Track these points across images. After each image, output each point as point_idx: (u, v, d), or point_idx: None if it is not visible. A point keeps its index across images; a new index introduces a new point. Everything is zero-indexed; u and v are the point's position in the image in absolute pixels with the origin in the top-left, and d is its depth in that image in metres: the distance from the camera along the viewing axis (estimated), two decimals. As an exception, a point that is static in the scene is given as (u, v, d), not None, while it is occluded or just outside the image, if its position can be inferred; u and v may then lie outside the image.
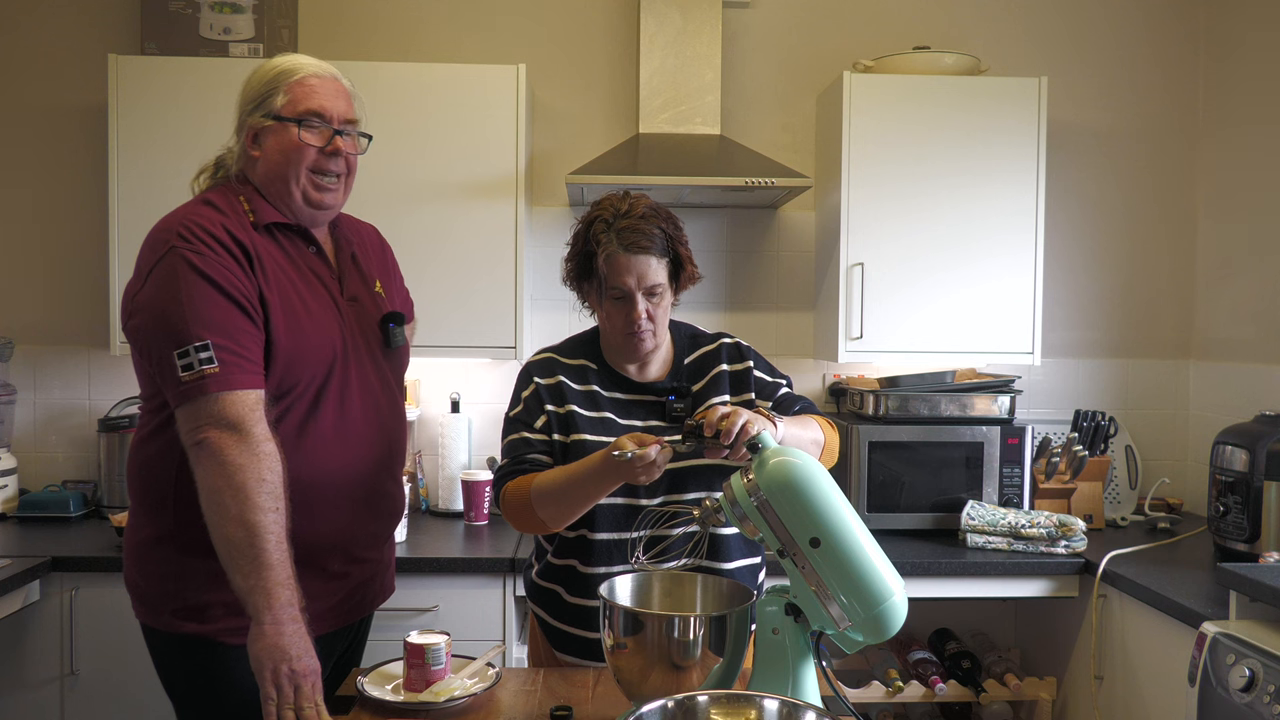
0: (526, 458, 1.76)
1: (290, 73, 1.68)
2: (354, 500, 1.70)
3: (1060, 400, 3.22)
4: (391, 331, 1.78)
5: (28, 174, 3.04)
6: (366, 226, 1.94)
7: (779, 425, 1.60)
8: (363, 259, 1.84)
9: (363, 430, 1.70)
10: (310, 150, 1.66)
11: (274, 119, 1.66)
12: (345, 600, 1.75)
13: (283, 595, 1.47)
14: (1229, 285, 3.08)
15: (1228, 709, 1.82)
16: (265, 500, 1.48)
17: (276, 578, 1.47)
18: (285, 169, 1.66)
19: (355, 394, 1.69)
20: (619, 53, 3.14)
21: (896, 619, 1.35)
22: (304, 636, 1.47)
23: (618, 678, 1.45)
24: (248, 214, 1.65)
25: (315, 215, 1.71)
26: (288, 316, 1.60)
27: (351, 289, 1.76)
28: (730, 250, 3.18)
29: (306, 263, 1.71)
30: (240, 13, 2.86)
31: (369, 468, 1.72)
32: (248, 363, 1.53)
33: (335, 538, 1.69)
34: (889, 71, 2.88)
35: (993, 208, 2.84)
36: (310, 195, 1.68)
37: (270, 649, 1.44)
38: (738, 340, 1.88)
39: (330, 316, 1.69)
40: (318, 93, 1.67)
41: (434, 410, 3.11)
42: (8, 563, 2.33)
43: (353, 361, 1.70)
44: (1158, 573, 2.38)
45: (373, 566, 1.81)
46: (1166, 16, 3.21)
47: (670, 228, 1.75)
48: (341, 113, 1.70)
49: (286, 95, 1.66)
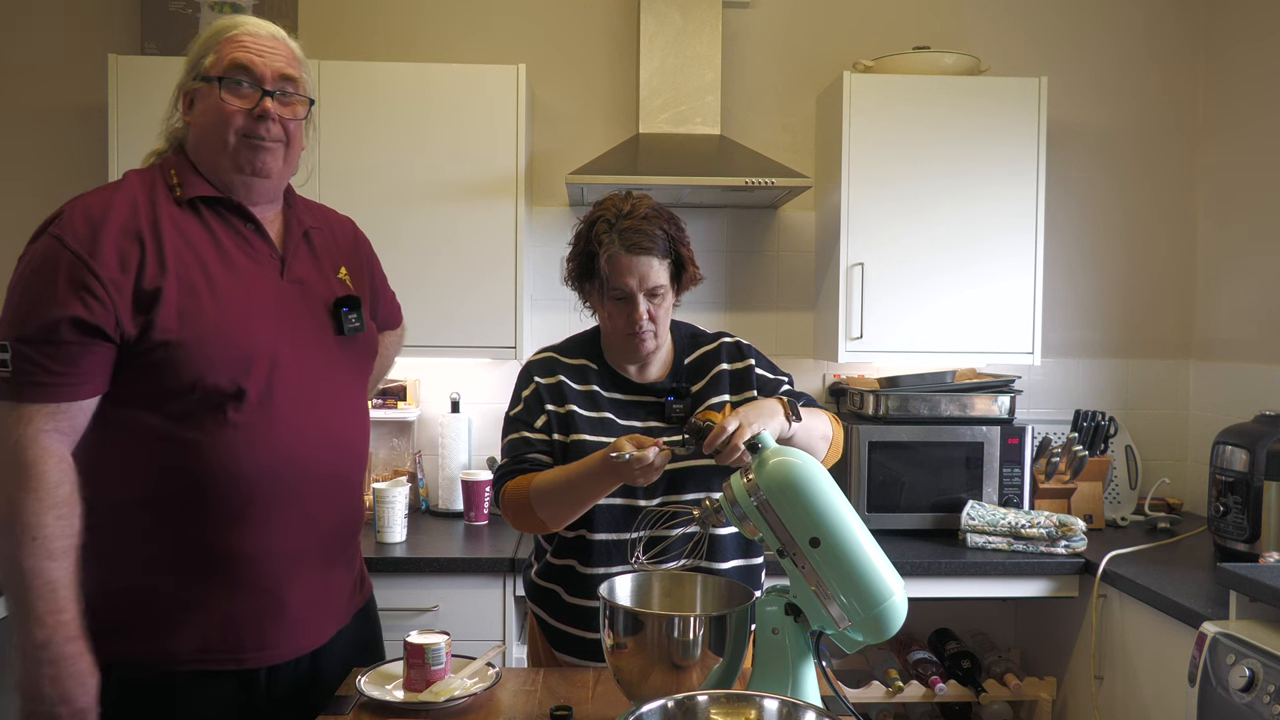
0: (526, 457, 1.76)
1: (224, 29, 1.53)
2: (284, 504, 1.51)
3: (1060, 400, 3.22)
4: (345, 316, 1.62)
5: (28, 174, 3.04)
6: (340, 217, 1.79)
7: (801, 417, 1.64)
8: (321, 242, 1.67)
9: (299, 427, 1.53)
10: (236, 113, 1.51)
11: (202, 80, 1.52)
12: (282, 628, 1.54)
13: (39, 634, 1.35)
14: (1229, 285, 3.08)
15: (1228, 709, 1.82)
16: (18, 532, 1.36)
17: (34, 614, 1.36)
18: (212, 133, 1.51)
19: (288, 385, 1.52)
20: (619, 53, 3.14)
21: (896, 619, 1.35)
22: (63, 680, 1.37)
23: (618, 678, 1.45)
24: (174, 188, 1.51)
25: (253, 184, 1.55)
26: (185, 308, 1.45)
27: (297, 271, 1.60)
28: (730, 250, 3.18)
29: (238, 242, 1.55)
30: (240, 13, 2.86)
31: (304, 469, 1.53)
32: (44, 374, 1.39)
33: (254, 548, 1.50)
34: (889, 71, 2.88)
35: (993, 208, 2.84)
36: (242, 159, 1.52)
37: (26, 692, 1.37)
38: (738, 339, 1.88)
39: (260, 302, 1.53)
40: (246, 48, 1.51)
41: (434, 410, 3.11)
42: (7, 563, 2.32)
43: (286, 350, 1.53)
44: (1158, 573, 2.38)
45: (317, 591, 1.59)
46: (1166, 16, 3.21)
47: (672, 229, 1.75)
48: (276, 69, 1.53)
49: (215, 53, 1.51)
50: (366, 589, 1.78)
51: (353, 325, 1.64)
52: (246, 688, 1.54)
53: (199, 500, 1.47)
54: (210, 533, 1.48)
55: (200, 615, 1.49)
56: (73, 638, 1.38)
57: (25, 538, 1.36)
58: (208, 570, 1.49)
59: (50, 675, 1.37)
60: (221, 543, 1.49)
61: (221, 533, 1.48)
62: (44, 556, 1.37)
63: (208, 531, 1.48)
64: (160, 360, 1.44)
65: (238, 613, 1.51)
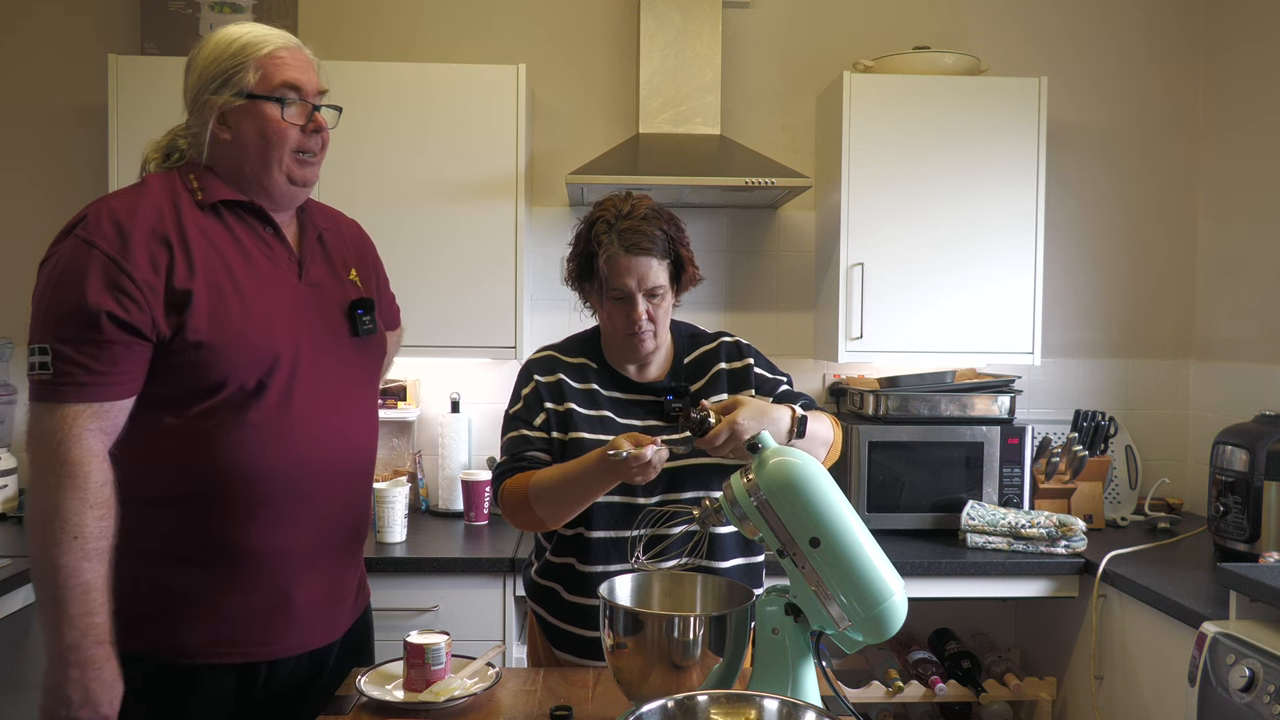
0: (525, 455, 1.76)
1: (255, 45, 1.54)
2: (296, 504, 1.54)
3: (1060, 400, 3.22)
4: (359, 319, 1.65)
5: (28, 174, 3.04)
6: (346, 218, 1.82)
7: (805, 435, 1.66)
8: (333, 244, 1.70)
9: (313, 428, 1.55)
10: (293, 130, 1.55)
11: (247, 97, 1.52)
12: (288, 625, 1.56)
13: (69, 636, 1.36)
14: (1229, 285, 3.08)
15: (1228, 709, 1.82)
16: (58, 531, 1.37)
17: (67, 615, 1.37)
18: (266, 151, 1.54)
19: (306, 387, 1.54)
20: (619, 53, 3.14)
21: (896, 619, 1.35)
22: (89, 683, 1.37)
23: (618, 678, 1.45)
24: (195, 192, 1.53)
25: (296, 194, 1.60)
26: (215, 310, 1.47)
27: (314, 274, 1.63)
28: (730, 250, 3.18)
29: (259, 245, 1.57)
30: (240, 12, 2.87)
31: (319, 469, 1.56)
32: (85, 374, 1.40)
33: (267, 545, 1.52)
34: (889, 71, 2.88)
35: (993, 208, 2.84)
36: (295, 174, 1.57)
37: (49, 691, 1.37)
38: (738, 339, 1.88)
39: (282, 303, 1.55)
40: (290, 66, 1.55)
41: (434, 410, 3.11)
42: (7, 563, 2.32)
43: (306, 352, 1.55)
44: (1158, 573, 2.38)
45: (324, 590, 1.61)
46: (1166, 16, 3.21)
47: (672, 229, 1.75)
48: (315, 84, 1.58)
49: (258, 70, 1.52)
50: (366, 591, 1.80)
51: (367, 327, 1.67)
52: (247, 681, 1.56)
53: (214, 497, 1.49)
54: (223, 529, 1.50)
55: (209, 610, 1.51)
56: (102, 642, 1.40)
57: (66, 536, 1.37)
58: (219, 566, 1.51)
59: (76, 678, 1.37)
60: (234, 539, 1.50)
61: (235, 530, 1.50)
62: (81, 557, 1.38)
63: (221, 528, 1.50)
64: (189, 362, 1.46)
65: (246, 608, 1.52)
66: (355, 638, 1.74)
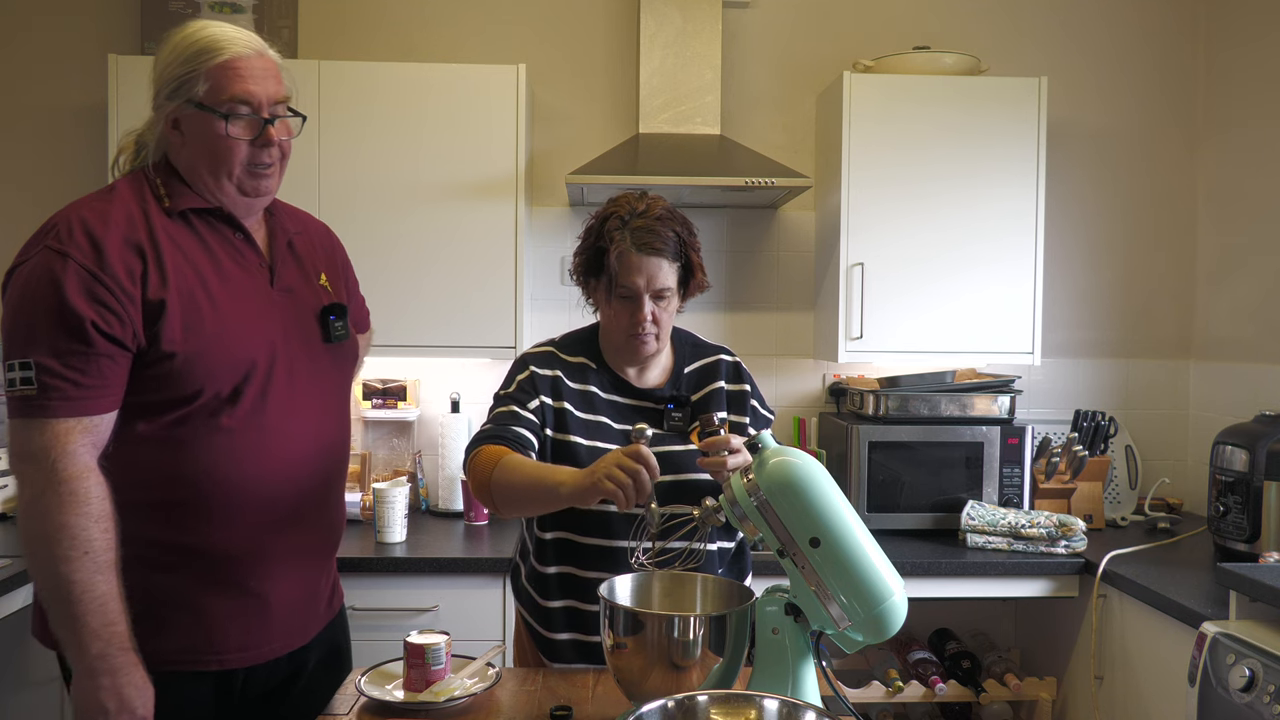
0: (511, 428, 1.69)
1: (210, 52, 1.47)
2: (273, 508, 1.54)
3: (1060, 400, 3.22)
4: (332, 324, 1.63)
5: (28, 174, 3.04)
6: (316, 221, 1.78)
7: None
8: (303, 249, 1.68)
9: (289, 433, 1.55)
10: (240, 145, 1.49)
11: (195, 107, 1.48)
12: (265, 628, 1.57)
13: (94, 647, 1.37)
14: (1229, 285, 3.08)
15: (1228, 709, 1.82)
16: (68, 548, 1.36)
17: (89, 628, 1.37)
18: (215, 164, 1.50)
19: (279, 393, 1.54)
20: (619, 53, 3.14)
21: (896, 619, 1.35)
22: (122, 689, 1.38)
23: (618, 678, 1.45)
24: (162, 199, 1.50)
25: (251, 204, 1.56)
26: (189, 320, 1.45)
27: (286, 279, 1.61)
28: (730, 250, 3.19)
29: (229, 251, 1.55)
30: (240, 13, 2.87)
31: (295, 474, 1.56)
32: (74, 388, 1.38)
33: (243, 549, 1.52)
34: (889, 71, 2.88)
35: (992, 208, 2.84)
36: (245, 186, 1.52)
37: (83, 704, 1.37)
38: (737, 360, 1.87)
39: (254, 311, 1.54)
40: (243, 77, 1.48)
41: (434, 410, 3.11)
42: (8, 563, 2.32)
43: (280, 358, 1.54)
44: (1158, 573, 2.38)
45: (300, 593, 1.62)
46: (1166, 17, 3.21)
47: (685, 232, 1.73)
48: (271, 94, 1.51)
49: (208, 81, 1.46)
50: (340, 592, 1.80)
51: (339, 333, 1.66)
52: (224, 688, 1.56)
53: (189, 504, 1.49)
54: (199, 535, 1.49)
55: (186, 616, 1.51)
56: (127, 648, 1.40)
57: (77, 553, 1.37)
58: (196, 571, 1.50)
59: (108, 685, 1.38)
60: (210, 544, 1.50)
61: (211, 535, 1.50)
62: (94, 570, 1.38)
63: (197, 534, 1.49)
64: (164, 372, 1.45)
65: (223, 613, 1.52)
66: (331, 640, 1.74)
